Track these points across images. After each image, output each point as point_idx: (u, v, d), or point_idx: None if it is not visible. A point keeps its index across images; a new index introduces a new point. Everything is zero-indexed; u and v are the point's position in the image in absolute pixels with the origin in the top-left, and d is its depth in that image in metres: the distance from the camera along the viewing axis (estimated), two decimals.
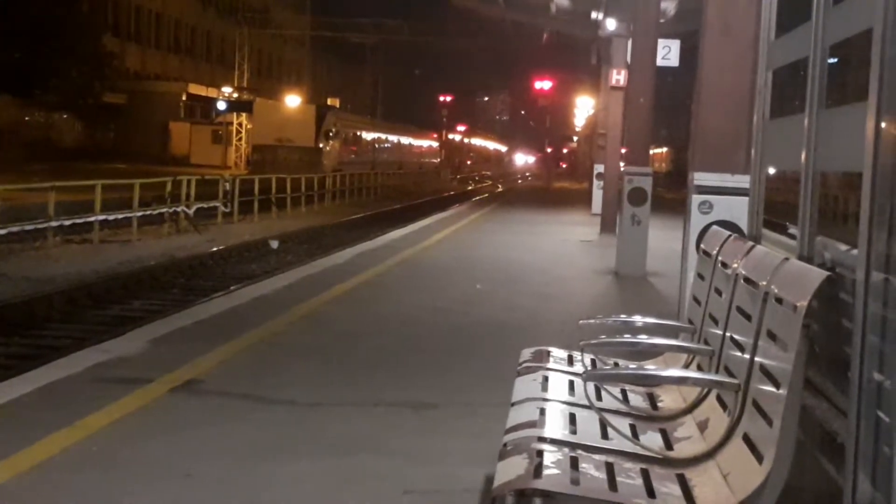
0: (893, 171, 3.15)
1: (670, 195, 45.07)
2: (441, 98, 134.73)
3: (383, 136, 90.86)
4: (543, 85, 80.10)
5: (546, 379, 5.07)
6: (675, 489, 3.77)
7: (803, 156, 4.30)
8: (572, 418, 4.46)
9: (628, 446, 4.17)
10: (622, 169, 19.10)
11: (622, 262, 16.68)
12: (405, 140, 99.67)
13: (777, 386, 3.58)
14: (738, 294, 4.49)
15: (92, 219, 25.31)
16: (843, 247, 4.07)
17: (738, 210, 8.50)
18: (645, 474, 3.86)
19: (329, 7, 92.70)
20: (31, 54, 56.86)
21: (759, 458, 3.57)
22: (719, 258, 5.08)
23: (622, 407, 4.83)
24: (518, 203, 42.55)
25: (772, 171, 5.63)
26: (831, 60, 4.31)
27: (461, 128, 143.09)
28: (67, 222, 24.45)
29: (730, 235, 5.27)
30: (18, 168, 41.31)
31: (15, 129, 61.36)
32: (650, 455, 4.11)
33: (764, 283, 4.04)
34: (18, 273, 19.95)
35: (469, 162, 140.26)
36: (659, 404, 4.96)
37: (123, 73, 73.99)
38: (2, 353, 13.54)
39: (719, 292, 4.90)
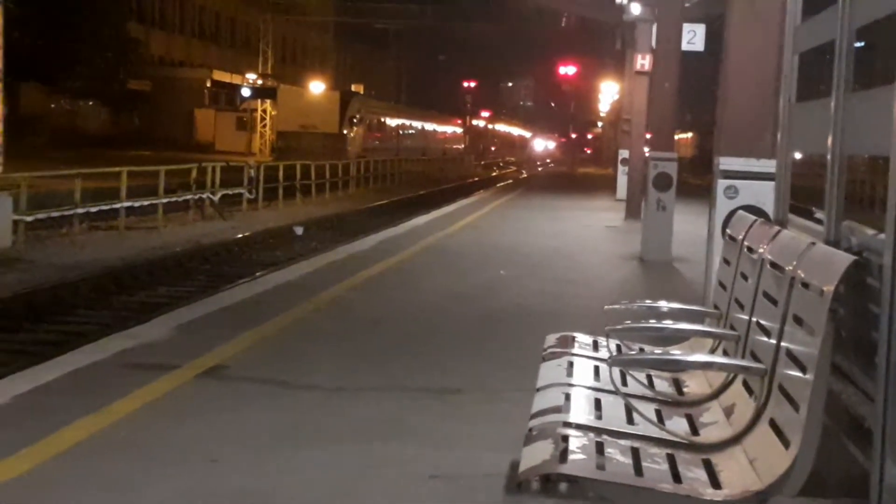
0: None
1: (696, 180, 44.95)
2: (465, 84, 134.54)
3: (407, 122, 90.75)
4: (568, 70, 79.96)
5: (571, 364, 5.07)
6: (702, 474, 3.77)
7: (830, 140, 4.28)
8: (597, 403, 4.46)
9: (654, 431, 4.16)
10: (647, 154, 19.04)
11: (647, 248, 16.63)
12: (429, 126, 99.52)
13: (804, 371, 3.57)
14: (764, 279, 4.47)
15: (118, 206, 25.35)
16: (870, 231, 4.05)
17: (764, 195, 8.46)
18: (671, 459, 3.86)
19: None
20: (55, 41, 57.03)
21: (786, 444, 3.56)
22: (745, 243, 5.06)
23: (648, 392, 4.82)
24: (542, 189, 42.49)
25: (798, 155, 5.60)
26: (858, 44, 4.28)
27: (485, 114, 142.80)
28: (93, 209, 24.50)
29: (756, 220, 5.25)
30: (44, 155, 41.46)
31: (41, 117, 61.53)
32: (676, 440, 4.11)
33: (790, 267, 4.02)
34: (45, 260, 20.04)
35: (493, 148, 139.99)
36: (685, 389, 4.95)
37: (148, 60, 74.04)
38: (29, 339, 13.62)
39: (745, 277, 4.88)
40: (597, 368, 5.03)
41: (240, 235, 25.95)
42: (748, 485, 3.59)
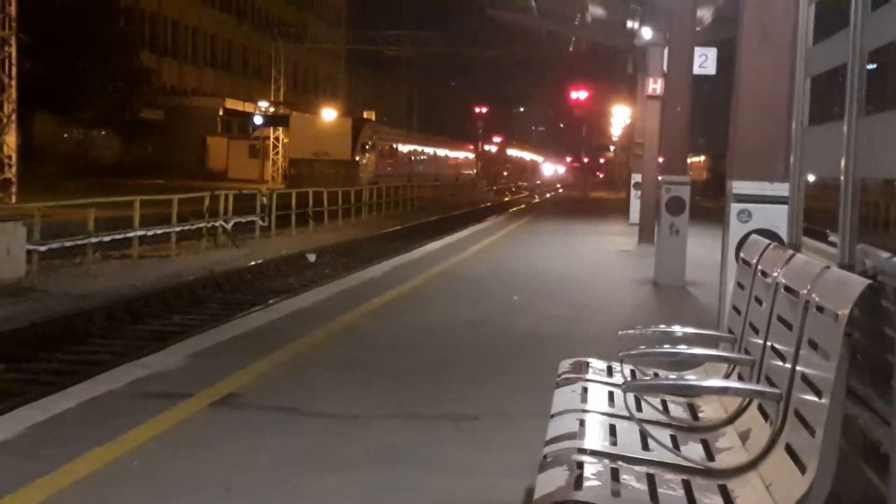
0: None
1: (709, 204, 44.90)
2: (476, 109, 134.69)
3: (419, 148, 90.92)
4: (579, 95, 79.95)
5: (585, 390, 5.04)
6: (717, 500, 3.75)
7: (843, 163, 4.27)
8: (612, 429, 4.44)
9: (669, 457, 4.14)
10: (660, 178, 19.04)
11: (661, 272, 16.61)
12: (441, 152, 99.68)
13: (819, 395, 3.55)
14: (778, 303, 4.45)
15: (131, 234, 25.44)
16: (885, 254, 4.03)
17: (777, 218, 8.44)
18: (686, 485, 3.83)
19: (364, 20, 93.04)
20: (68, 71, 57.32)
21: (802, 469, 3.53)
22: (759, 267, 5.04)
23: (662, 418, 4.80)
24: (555, 213, 42.49)
25: (811, 178, 5.59)
26: (870, 66, 4.27)
27: (497, 139, 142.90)
28: (107, 238, 24.59)
29: (769, 244, 5.23)
30: (57, 184, 41.60)
31: (53, 146, 61.81)
32: (692, 466, 4.08)
33: (805, 291, 4.01)
34: (59, 289, 20.07)
35: (505, 173, 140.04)
36: (700, 415, 4.92)
37: (160, 89, 74.37)
38: (43, 368, 13.63)
39: (759, 301, 4.86)
40: (611, 394, 5.01)
41: (253, 263, 25.97)
42: None
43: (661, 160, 22.17)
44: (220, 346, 10.34)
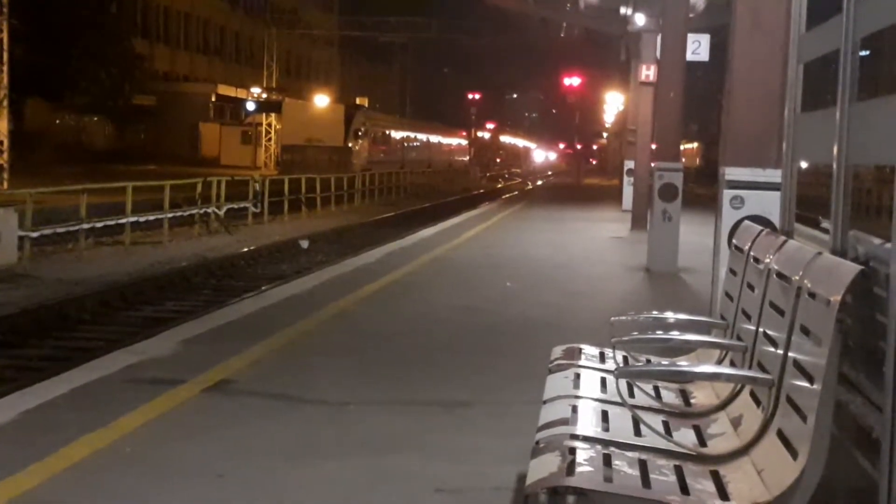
0: None
1: (701, 191, 44.96)
2: (469, 96, 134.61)
3: (412, 134, 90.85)
4: (572, 81, 79.91)
5: (578, 376, 5.05)
6: (709, 486, 3.76)
7: (835, 149, 4.27)
8: (605, 415, 4.45)
9: (661, 443, 4.15)
10: (652, 165, 19.04)
11: (654, 259, 16.61)
12: (434, 138, 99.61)
13: (811, 381, 3.56)
14: (770, 289, 4.46)
15: (123, 221, 25.37)
16: (877, 240, 4.04)
17: (769, 205, 8.46)
18: (678, 471, 3.84)
19: (357, 6, 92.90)
20: (61, 57, 57.20)
21: (794, 454, 3.54)
22: (751, 253, 5.05)
23: (655, 404, 4.80)
24: (548, 200, 42.47)
25: (804, 165, 5.58)
26: (863, 52, 4.26)
27: (490, 125, 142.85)
28: (99, 224, 24.53)
29: (762, 230, 5.24)
30: (50, 171, 41.53)
31: (46, 132, 61.66)
32: (683, 452, 4.09)
33: (797, 277, 4.01)
34: (52, 275, 20.05)
35: (498, 160, 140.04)
36: (692, 401, 4.93)
37: (153, 75, 74.25)
38: (35, 355, 13.61)
39: (752, 287, 4.87)
40: (603, 380, 5.02)
41: (245, 249, 25.95)
42: (756, 496, 3.58)
43: (654, 147, 22.16)
44: (213, 333, 10.34)
